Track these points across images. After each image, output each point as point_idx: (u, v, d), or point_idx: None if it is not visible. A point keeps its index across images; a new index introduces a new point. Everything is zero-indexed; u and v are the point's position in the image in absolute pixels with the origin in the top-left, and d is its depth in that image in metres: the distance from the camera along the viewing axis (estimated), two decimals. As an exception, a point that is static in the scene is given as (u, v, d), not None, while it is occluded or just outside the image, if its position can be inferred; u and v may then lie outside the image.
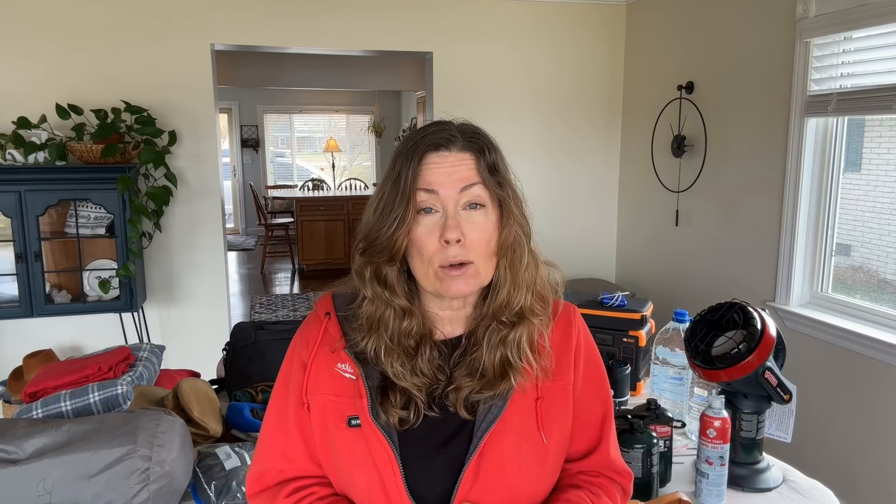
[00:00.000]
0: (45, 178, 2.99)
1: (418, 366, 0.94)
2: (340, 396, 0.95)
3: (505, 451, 0.92)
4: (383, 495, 0.91)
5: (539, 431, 0.95)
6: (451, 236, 0.89)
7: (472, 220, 0.92)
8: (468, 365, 0.95)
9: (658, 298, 3.62)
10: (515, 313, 0.95)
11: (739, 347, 1.41)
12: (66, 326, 3.39)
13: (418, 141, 0.93)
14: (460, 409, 0.93)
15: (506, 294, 0.95)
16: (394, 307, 0.94)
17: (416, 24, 3.69)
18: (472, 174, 0.92)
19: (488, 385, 0.93)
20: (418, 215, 0.91)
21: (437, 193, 0.91)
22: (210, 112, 3.46)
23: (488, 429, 0.92)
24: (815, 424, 2.73)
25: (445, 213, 0.91)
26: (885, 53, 2.44)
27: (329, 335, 0.98)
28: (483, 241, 0.92)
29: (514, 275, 0.95)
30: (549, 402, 0.97)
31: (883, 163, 2.59)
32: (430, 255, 0.91)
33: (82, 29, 3.24)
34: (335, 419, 0.94)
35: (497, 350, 0.94)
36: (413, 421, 0.93)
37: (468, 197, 0.92)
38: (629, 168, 4.06)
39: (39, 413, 1.53)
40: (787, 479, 1.47)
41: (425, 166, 0.91)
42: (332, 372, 0.96)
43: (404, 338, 0.94)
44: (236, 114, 10.19)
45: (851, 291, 2.72)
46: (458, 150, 0.93)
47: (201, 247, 3.55)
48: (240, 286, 7.08)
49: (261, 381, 1.88)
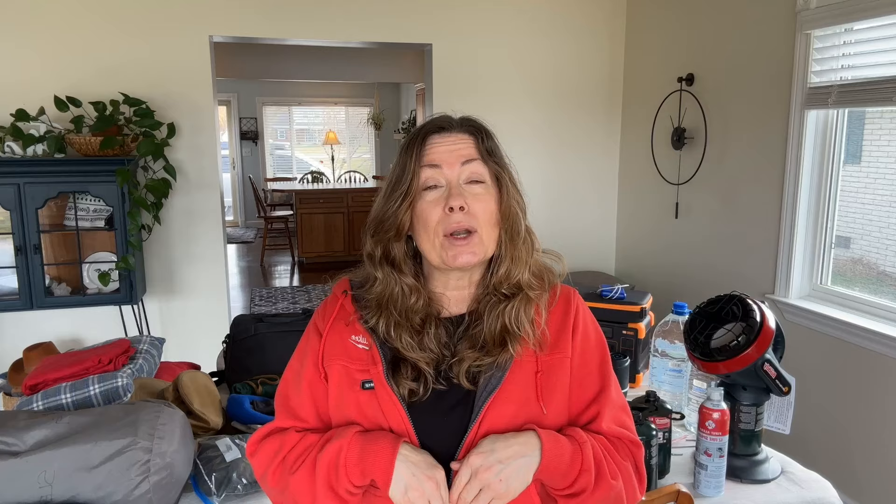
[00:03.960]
0: (43, 170, 2.98)
1: (425, 342, 1.01)
2: (354, 363, 1.01)
3: (504, 420, 0.98)
4: None
5: (538, 402, 1.00)
6: (456, 203, 0.97)
7: (474, 192, 1.00)
8: (471, 338, 1.01)
9: (657, 291, 3.63)
10: (514, 285, 1.02)
11: (738, 340, 1.41)
12: (66, 319, 3.39)
13: (421, 127, 1.04)
14: (462, 380, 0.99)
15: (506, 268, 1.02)
16: (402, 286, 1.01)
17: (416, 15, 3.67)
18: (471, 151, 1.02)
19: (488, 354, 0.99)
20: (423, 192, 1.00)
21: (441, 168, 1.00)
22: (209, 104, 3.45)
23: (489, 397, 0.98)
24: (813, 416, 2.74)
25: (449, 185, 0.99)
26: (885, 45, 2.43)
27: (345, 311, 1.06)
28: (486, 210, 1.00)
29: (513, 247, 1.02)
30: (548, 374, 1.02)
31: (883, 155, 2.58)
32: (434, 224, 0.99)
33: (81, 21, 3.23)
34: (349, 383, 1.00)
35: (497, 321, 1.00)
36: (422, 393, 0.98)
37: (468, 172, 1.00)
38: (629, 160, 4.06)
39: (40, 405, 1.53)
40: (785, 470, 1.48)
41: (428, 145, 1.01)
42: (346, 343, 1.03)
43: (412, 314, 1.01)
44: (235, 106, 10.16)
45: (851, 284, 2.73)
46: (457, 131, 1.03)
47: (201, 239, 3.55)
48: (239, 279, 7.08)
49: (261, 373, 1.88)
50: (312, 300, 6.07)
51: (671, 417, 1.44)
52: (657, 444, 1.38)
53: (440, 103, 3.77)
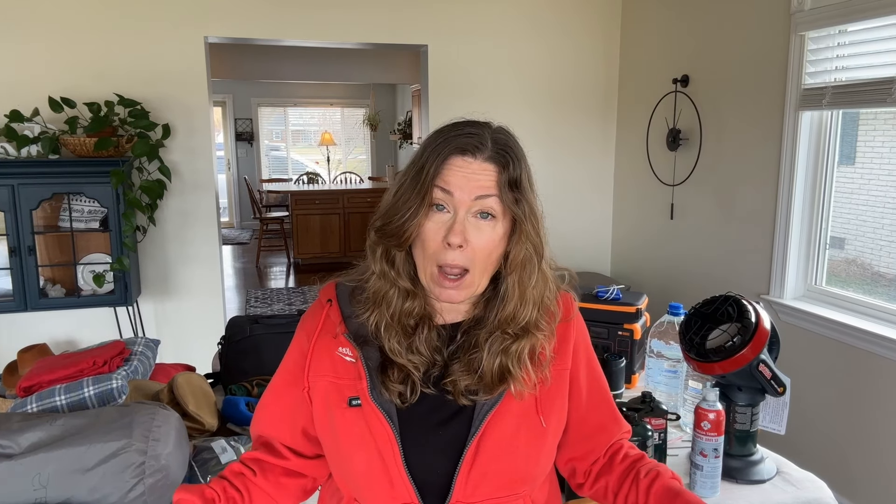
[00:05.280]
0: (38, 171, 2.97)
1: (415, 344, 0.97)
2: (342, 378, 0.98)
3: (504, 434, 0.96)
4: (383, 473, 0.94)
5: (538, 415, 0.98)
6: (454, 241, 0.91)
7: (480, 227, 0.93)
8: (466, 363, 0.97)
9: (653, 292, 3.63)
10: (521, 327, 0.97)
11: (734, 340, 1.41)
12: (61, 320, 3.38)
13: (449, 139, 0.95)
14: (459, 398, 0.96)
15: (512, 308, 0.97)
16: (398, 287, 0.98)
17: (412, 17, 3.67)
18: (490, 185, 0.93)
19: (486, 388, 0.96)
20: (430, 210, 0.93)
21: (452, 195, 0.92)
22: (204, 105, 3.44)
23: (489, 412, 0.96)
24: (808, 417, 2.75)
25: (455, 215, 0.93)
26: (879, 46, 2.44)
27: (330, 321, 1.02)
28: (485, 250, 0.94)
29: (521, 291, 0.97)
30: (548, 387, 1.00)
31: (877, 156, 2.59)
32: (431, 251, 0.94)
33: (75, 21, 3.22)
34: (336, 400, 0.98)
35: (497, 357, 0.96)
36: (412, 398, 0.96)
37: (480, 206, 0.93)
38: (624, 161, 4.06)
39: (34, 407, 1.53)
40: (780, 470, 1.48)
41: (448, 167, 0.93)
42: (333, 356, 1.00)
43: (405, 317, 0.98)
44: (230, 107, 10.14)
45: (845, 284, 2.74)
46: (483, 159, 0.93)
47: (196, 240, 3.54)
48: (235, 280, 7.06)
49: (256, 374, 1.88)
50: (308, 301, 6.06)
51: (667, 418, 1.45)
52: (653, 444, 1.39)
53: (436, 104, 3.77)
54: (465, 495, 0.94)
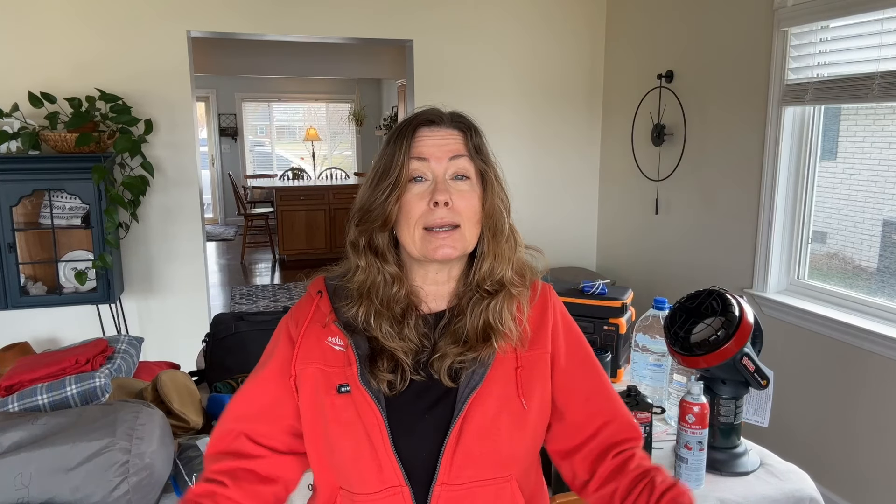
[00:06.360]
0: (18, 167, 2.92)
1: (405, 331, 1.01)
2: (331, 366, 1.00)
3: (486, 416, 0.98)
4: (372, 458, 0.96)
5: (519, 398, 1.01)
6: (441, 198, 0.98)
7: (459, 188, 1.00)
8: (452, 334, 1.02)
9: (638, 286, 3.65)
10: (497, 282, 1.03)
11: (718, 334, 1.42)
12: (42, 319, 3.33)
13: (411, 119, 1.03)
14: (444, 377, 0.99)
15: (489, 265, 1.03)
16: (384, 274, 1.02)
17: (397, 11, 3.66)
18: (459, 147, 1.02)
19: (471, 349, 0.99)
20: (409, 184, 0.99)
21: (428, 161, 1.00)
22: (187, 100, 3.41)
23: (471, 394, 0.98)
24: (791, 409, 2.78)
25: (435, 180, 1.00)
26: (861, 42, 2.47)
27: (320, 311, 1.05)
28: (469, 207, 1.00)
29: (496, 245, 1.03)
30: (528, 370, 1.03)
31: (858, 151, 2.62)
32: (416, 217, 0.98)
33: (55, 15, 3.17)
34: (325, 387, 1.00)
35: (480, 317, 1.01)
36: (400, 385, 0.99)
37: (455, 167, 1.00)
38: (609, 156, 4.08)
39: (16, 407, 1.51)
40: (764, 462, 1.50)
41: (418, 138, 1.01)
42: (322, 345, 1.02)
43: (393, 303, 1.01)
44: (214, 102, 10.06)
45: (827, 278, 2.77)
46: (447, 126, 1.03)
47: (180, 237, 3.51)
48: (219, 277, 7.02)
49: (241, 372, 1.87)
50: (293, 298, 6.03)
51: (652, 412, 1.46)
52: (638, 438, 1.39)
53: (421, 99, 3.76)
54: (450, 478, 0.96)
